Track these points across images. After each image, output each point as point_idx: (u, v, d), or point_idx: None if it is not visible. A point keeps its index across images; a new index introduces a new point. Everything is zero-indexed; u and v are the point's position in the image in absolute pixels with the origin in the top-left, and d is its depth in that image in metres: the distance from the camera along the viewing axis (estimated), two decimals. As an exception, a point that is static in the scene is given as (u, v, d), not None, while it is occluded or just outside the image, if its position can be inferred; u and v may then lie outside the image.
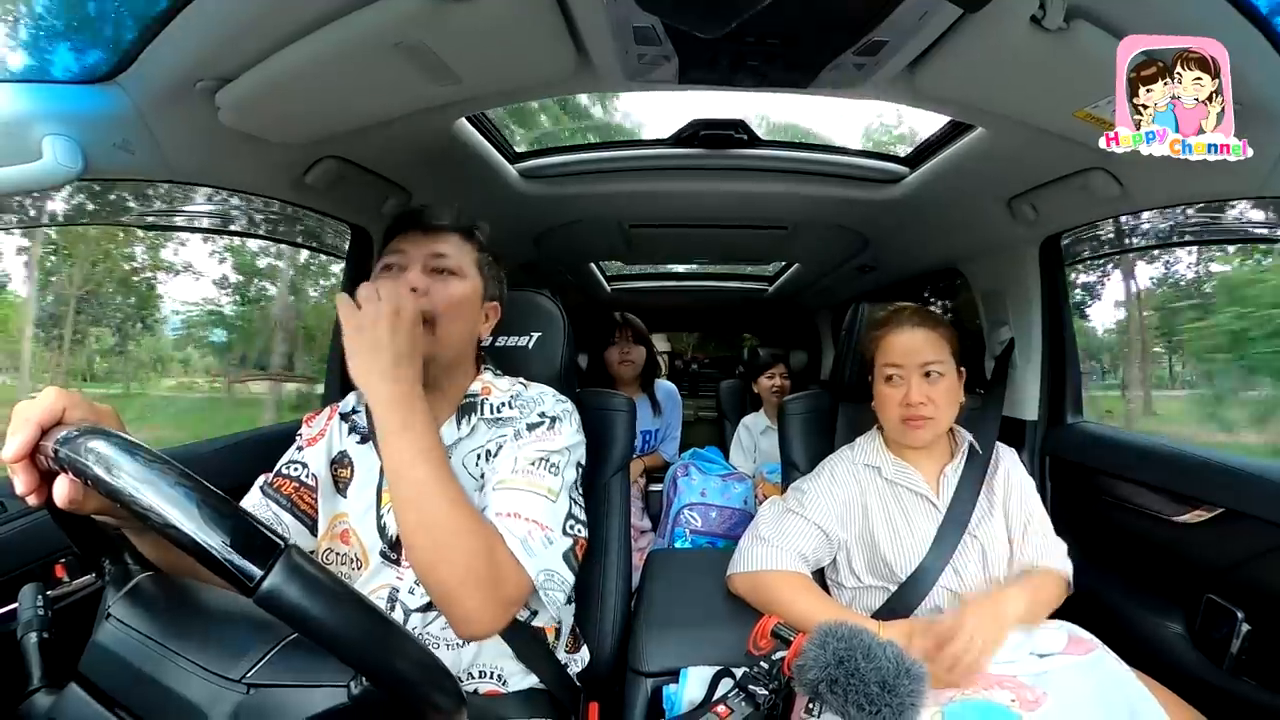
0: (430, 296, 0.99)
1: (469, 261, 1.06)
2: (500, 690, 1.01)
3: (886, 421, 1.26)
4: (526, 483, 0.93)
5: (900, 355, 1.22)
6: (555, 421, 1.02)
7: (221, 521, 0.42)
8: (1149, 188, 1.28)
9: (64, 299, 2.33)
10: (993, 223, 1.66)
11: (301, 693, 0.46)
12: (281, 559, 0.42)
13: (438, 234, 1.05)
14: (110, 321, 2.67)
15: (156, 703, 0.46)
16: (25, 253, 2.12)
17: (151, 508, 0.42)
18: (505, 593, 0.83)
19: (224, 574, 0.41)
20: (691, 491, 2.24)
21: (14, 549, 0.88)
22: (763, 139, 1.65)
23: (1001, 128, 1.23)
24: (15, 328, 2.18)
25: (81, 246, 2.39)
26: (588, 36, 0.99)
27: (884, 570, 1.21)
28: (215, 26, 0.86)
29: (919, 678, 0.75)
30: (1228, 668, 1.16)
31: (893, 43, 0.95)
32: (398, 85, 1.04)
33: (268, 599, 0.41)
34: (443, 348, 1.01)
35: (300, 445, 1.08)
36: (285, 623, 0.41)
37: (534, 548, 0.87)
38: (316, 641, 0.41)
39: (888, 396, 1.23)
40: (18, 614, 0.53)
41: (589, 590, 1.26)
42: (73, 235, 2.35)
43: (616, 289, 3.68)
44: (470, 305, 1.06)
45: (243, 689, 0.46)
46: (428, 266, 1.02)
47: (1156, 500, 1.36)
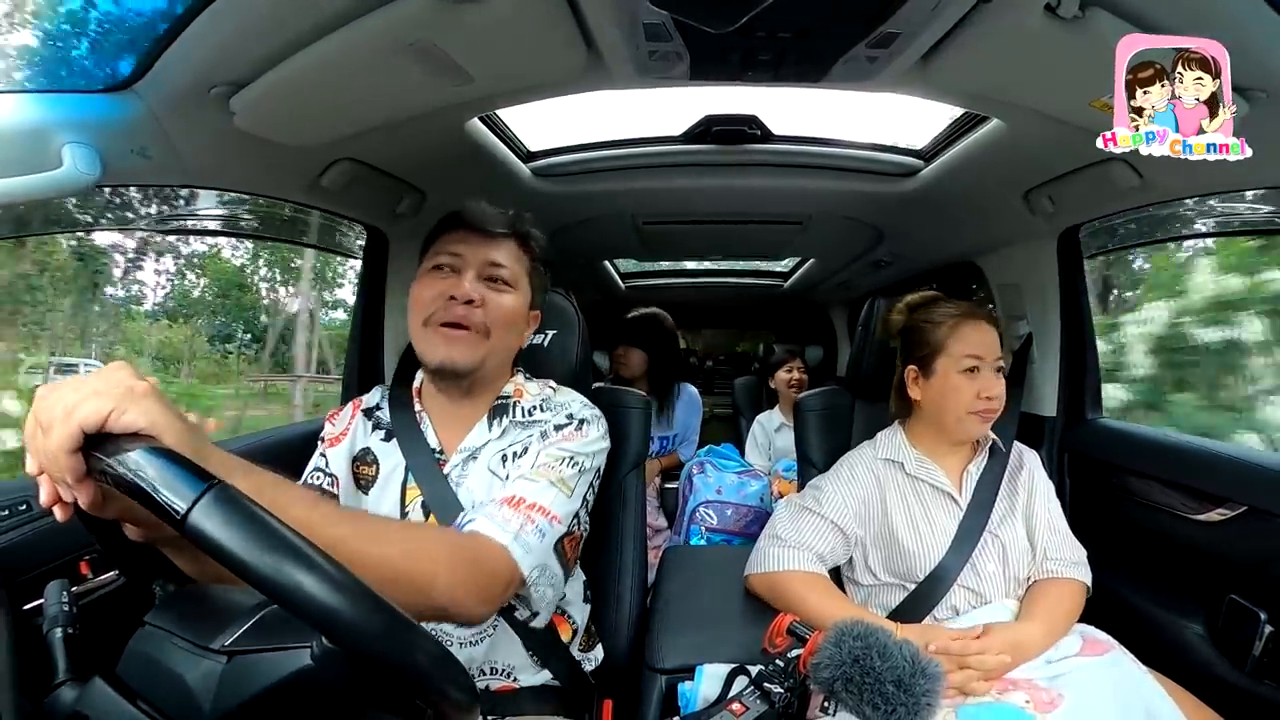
0: (485, 309, 0.99)
1: (522, 271, 1.05)
2: (513, 686, 1.01)
3: (952, 412, 1.20)
4: (544, 473, 0.94)
5: (981, 348, 1.19)
6: (583, 424, 1.02)
7: (157, 463, 0.43)
8: (1169, 178, 1.25)
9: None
10: (1009, 215, 1.63)
11: (272, 657, 0.46)
12: (211, 493, 0.41)
13: (497, 240, 1.03)
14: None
15: (160, 684, 0.48)
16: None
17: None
18: (486, 585, 0.81)
19: (157, 509, 0.41)
20: (707, 489, 2.24)
21: (40, 547, 0.91)
22: (776, 134, 1.64)
23: (1017, 119, 1.21)
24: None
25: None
26: (598, 34, 0.99)
27: (902, 568, 1.20)
28: (229, 32, 0.87)
29: (934, 677, 0.74)
30: (1249, 670, 1.13)
31: (906, 34, 0.94)
32: (410, 86, 1.05)
33: (192, 532, 0.40)
34: (493, 357, 1.01)
35: (323, 450, 1.08)
36: (218, 561, 0.40)
37: (528, 542, 0.86)
38: (254, 586, 0.40)
39: (963, 387, 1.18)
40: (44, 609, 0.54)
41: (604, 587, 1.26)
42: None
43: (631, 286, 3.68)
44: (520, 318, 1.06)
45: (223, 659, 0.47)
46: (482, 274, 1.01)
47: (1177, 498, 1.33)
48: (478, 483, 1.01)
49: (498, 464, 1.01)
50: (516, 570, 0.84)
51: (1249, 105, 0.85)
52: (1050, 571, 1.18)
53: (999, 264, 1.94)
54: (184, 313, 4.17)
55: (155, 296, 3.88)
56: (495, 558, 0.82)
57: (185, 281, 4.26)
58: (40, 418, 0.50)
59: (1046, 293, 1.71)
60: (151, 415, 0.50)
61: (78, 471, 0.49)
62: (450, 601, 0.74)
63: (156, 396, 0.52)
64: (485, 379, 1.05)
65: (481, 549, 0.82)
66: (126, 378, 0.52)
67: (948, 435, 1.25)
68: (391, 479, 1.03)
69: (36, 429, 0.50)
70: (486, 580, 0.80)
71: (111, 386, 0.50)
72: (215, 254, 4.28)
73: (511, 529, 0.85)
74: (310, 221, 1.76)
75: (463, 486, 1.00)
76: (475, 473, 1.01)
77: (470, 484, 1.01)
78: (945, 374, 1.21)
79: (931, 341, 1.23)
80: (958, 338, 1.20)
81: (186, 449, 0.49)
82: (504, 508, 0.88)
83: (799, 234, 2.29)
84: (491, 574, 0.81)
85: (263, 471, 0.60)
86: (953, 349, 1.20)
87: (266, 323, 5.05)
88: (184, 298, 4.24)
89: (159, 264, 3.68)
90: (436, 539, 0.83)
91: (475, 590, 0.78)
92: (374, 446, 1.07)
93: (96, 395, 0.49)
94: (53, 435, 0.48)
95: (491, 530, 0.84)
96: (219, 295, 4.63)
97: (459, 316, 0.97)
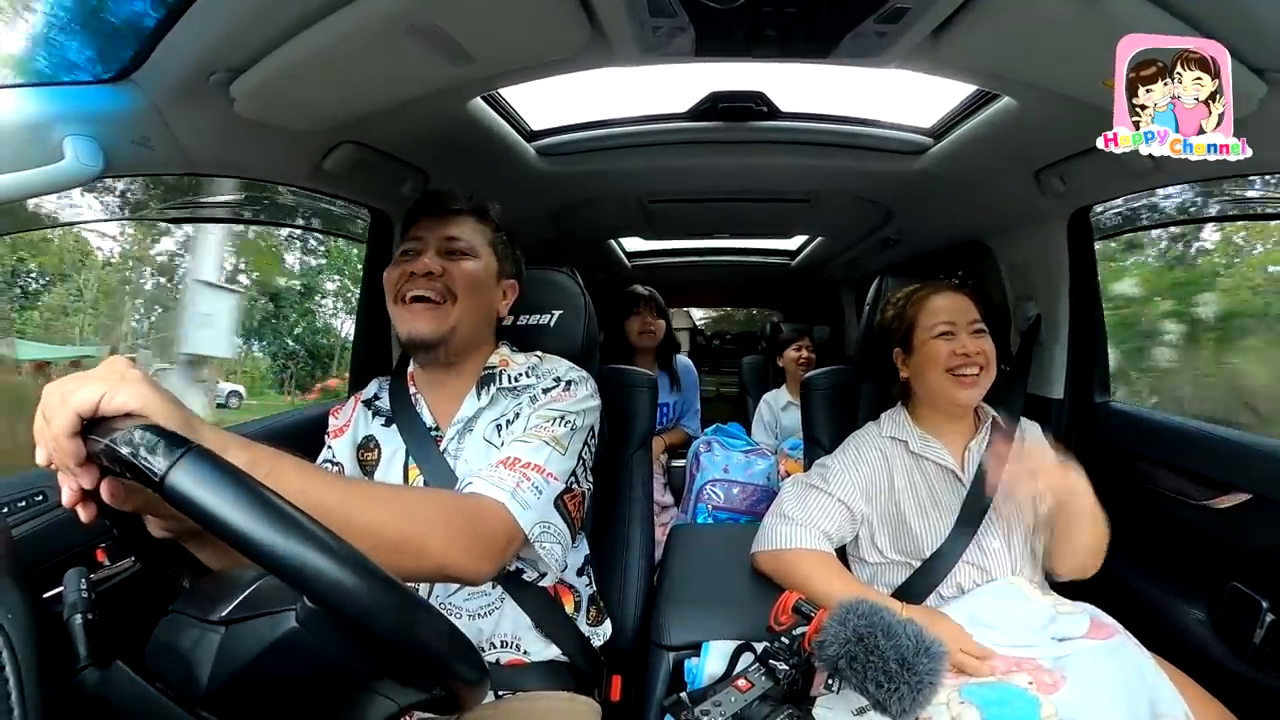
0: (446, 277, 1.03)
1: (482, 241, 1.10)
2: (523, 660, 1.04)
3: (933, 379, 1.23)
4: (537, 434, 0.95)
5: (951, 313, 1.24)
6: (571, 384, 1.05)
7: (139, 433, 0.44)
8: (1182, 160, 1.22)
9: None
10: (1020, 195, 1.61)
11: (262, 622, 0.47)
12: (188, 454, 0.42)
13: (451, 217, 1.08)
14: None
15: (170, 661, 0.49)
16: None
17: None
18: (485, 543, 0.81)
19: (138, 474, 0.43)
20: (714, 468, 2.25)
21: (57, 535, 0.93)
22: (783, 111, 1.61)
23: (1029, 97, 1.18)
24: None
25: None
26: (601, 10, 0.97)
27: (908, 545, 1.21)
28: (226, 18, 0.86)
29: (938, 656, 0.75)
30: (1249, 657, 1.13)
31: (915, 9, 0.92)
32: (412, 67, 1.04)
33: (171, 493, 0.41)
34: (463, 324, 1.04)
35: (329, 443, 1.12)
36: (196, 521, 0.41)
37: (526, 499, 0.86)
38: (233, 546, 0.41)
39: (938, 349, 1.22)
40: (63, 597, 0.55)
41: (612, 564, 1.28)
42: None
43: (637, 265, 3.66)
44: (485, 284, 1.09)
45: (221, 629, 0.48)
46: (442, 249, 1.05)
47: (1185, 484, 1.33)
48: (474, 454, 1.03)
49: (492, 433, 1.04)
50: (516, 527, 0.85)
51: (1267, 87, 0.83)
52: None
53: (1009, 244, 1.91)
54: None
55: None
56: (494, 516, 0.83)
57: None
58: (45, 413, 0.52)
59: (1056, 274, 1.69)
60: (142, 397, 0.52)
61: (79, 455, 0.51)
62: (447, 561, 0.75)
63: (146, 380, 0.54)
64: (463, 348, 1.07)
65: (480, 508, 0.83)
66: (120, 366, 0.55)
67: (938, 407, 1.27)
68: (393, 461, 1.07)
69: (43, 421, 0.52)
70: (486, 538, 0.81)
71: (104, 374, 0.53)
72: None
73: (508, 486, 0.86)
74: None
75: (460, 459, 1.03)
76: (471, 444, 1.04)
77: (467, 455, 1.03)
78: (921, 344, 1.25)
79: (906, 318, 1.29)
80: (925, 309, 1.27)
81: (176, 425, 0.50)
82: (499, 469, 0.89)
83: (806, 212, 2.27)
84: (491, 533, 0.82)
85: (260, 446, 0.61)
86: (923, 321, 1.26)
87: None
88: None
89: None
90: (432, 500, 0.85)
91: (474, 548, 0.79)
92: (375, 433, 1.10)
93: (90, 380, 0.51)
94: (53, 422, 0.51)
95: (487, 490, 0.86)
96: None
97: (421, 288, 1.02)
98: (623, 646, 1.23)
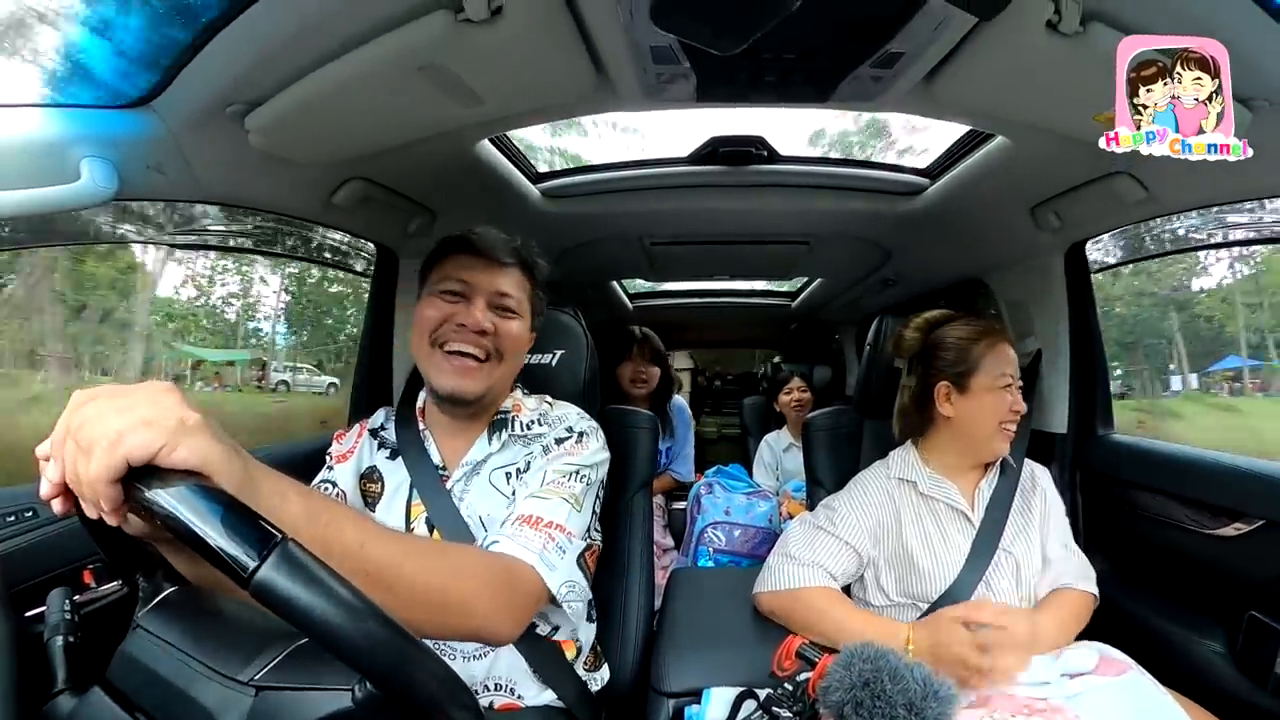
0: (495, 336, 1.02)
1: (524, 298, 1.08)
2: (517, 705, 1.00)
3: (985, 428, 1.20)
4: (555, 490, 0.95)
5: (1011, 365, 1.22)
6: (583, 436, 1.04)
7: (217, 511, 0.41)
8: (1176, 190, 1.25)
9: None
10: (1016, 232, 1.63)
11: (308, 696, 0.45)
12: (278, 549, 0.40)
13: (502, 269, 1.05)
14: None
15: (173, 707, 0.47)
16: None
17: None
18: (520, 604, 0.82)
19: (220, 564, 0.39)
20: (715, 510, 2.22)
21: (45, 554, 0.91)
22: (782, 154, 1.65)
23: (1022, 135, 1.21)
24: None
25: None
26: (606, 56, 1.00)
27: (915, 588, 1.18)
28: (246, 52, 0.89)
29: (947, 700, 0.73)
30: (1272, 688, 1.10)
31: (909, 54, 0.95)
32: (422, 107, 1.07)
33: (261, 590, 0.39)
34: (499, 382, 1.05)
35: (330, 465, 1.10)
36: (286, 620, 0.39)
37: (552, 560, 0.87)
38: (323, 645, 0.40)
39: (1002, 401, 1.20)
40: (46, 617, 0.54)
41: (611, 608, 1.25)
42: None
43: (639, 306, 3.69)
44: (525, 344, 1.10)
45: (251, 691, 0.46)
46: (491, 303, 1.03)
47: (1192, 513, 1.31)
48: (479, 498, 1.02)
49: (501, 480, 1.02)
50: (545, 589, 0.85)
51: (1251, 114, 0.85)
52: (1060, 585, 1.18)
53: (1007, 280, 1.93)
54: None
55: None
56: (526, 578, 0.84)
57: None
58: (79, 438, 0.46)
59: (1055, 308, 1.70)
60: (204, 453, 0.47)
61: (115, 500, 0.45)
62: (488, 622, 0.76)
63: (209, 430, 0.49)
64: (492, 404, 1.08)
65: (513, 569, 0.83)
66: (177, 406, 0.48)
67: (974, 452, 1.24)
68: (396, 495, 1.05)
69: (76, 450, 0.46)
70: (520, 600, 0.82)
71: (162, 417, 0.46)
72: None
73: (535, 548, 0.86)
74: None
75: (465, 501, 1.02)
76: (477, 487, 1.03)
77: (472, 499, 1.02)
78: (981, 391, 1.21)
79: (969, 359, 1.22)
80: (995, 355, 1.22)
81: (235, 484, 0.47)
82: (524, 528, 0.89)
83: (806, 254, 2.30)
84: (525, 594, 0.83)
85: (311, 491, 0.59)
86: (989, 366, 1.21)
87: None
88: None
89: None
90: (476, 558, 0.84)
91: (510, 610, 0.80)
92: (380, 465, 1.09)
93: (146, 426, 0.45)
94: (94, 461, 0.44)
95: (517, 550, 0.85)
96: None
97: (469, 344, 1.00)
98: (621, 692, 1.18)
